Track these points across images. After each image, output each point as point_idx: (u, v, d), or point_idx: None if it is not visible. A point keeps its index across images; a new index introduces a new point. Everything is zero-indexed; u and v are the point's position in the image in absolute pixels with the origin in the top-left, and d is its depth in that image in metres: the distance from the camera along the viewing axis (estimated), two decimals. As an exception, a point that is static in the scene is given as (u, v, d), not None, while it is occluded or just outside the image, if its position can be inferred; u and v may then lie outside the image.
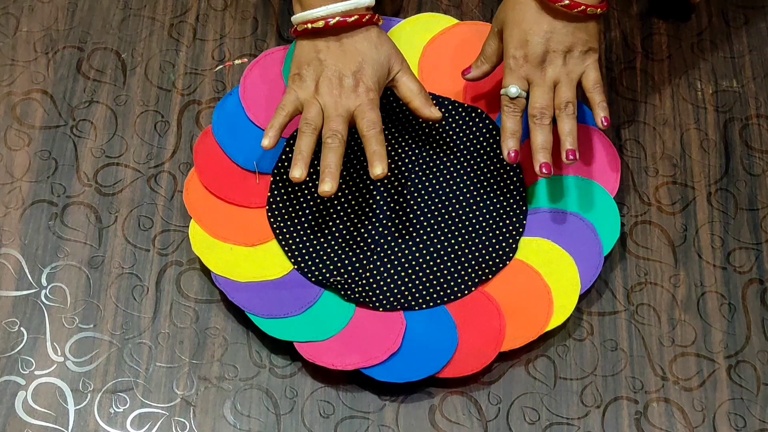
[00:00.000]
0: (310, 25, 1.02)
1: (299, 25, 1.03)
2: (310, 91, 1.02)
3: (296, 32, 1.04)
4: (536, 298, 1.01)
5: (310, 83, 1.02)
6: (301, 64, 1.03)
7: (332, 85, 1.01)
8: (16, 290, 1.02)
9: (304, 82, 1.02)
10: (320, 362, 0.97)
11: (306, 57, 1.03)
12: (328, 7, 1.01)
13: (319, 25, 1.01)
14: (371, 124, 1.00)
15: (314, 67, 1.02)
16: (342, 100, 1.01)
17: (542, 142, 1.01)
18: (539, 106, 1.02)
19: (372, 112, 1.01)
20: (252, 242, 1.03)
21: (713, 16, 1.18)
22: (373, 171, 0.99)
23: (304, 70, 1.02)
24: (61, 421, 0.97)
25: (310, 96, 1.02)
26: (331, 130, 1.00)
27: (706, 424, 0.98)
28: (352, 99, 1.01)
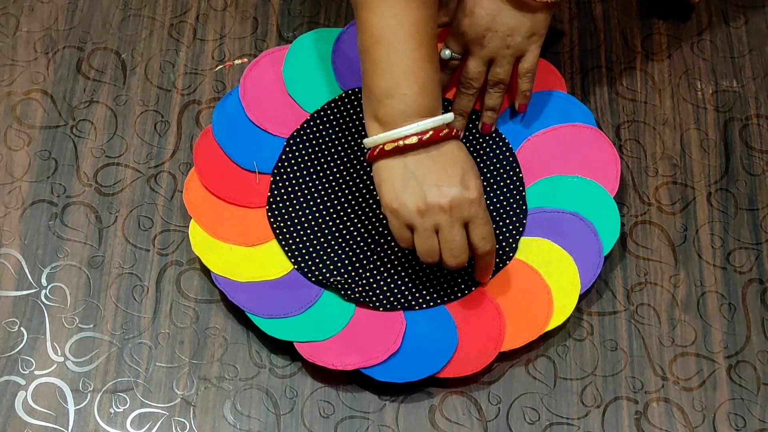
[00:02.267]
0: (402, 142, 0.93)
1: (387, 144, 0.94)
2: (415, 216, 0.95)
3: (383, 152, 0.95)
4: (536, 298, 1.01)
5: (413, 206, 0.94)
6: (395, 187, 0.94)
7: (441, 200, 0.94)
8: (16, 290, 1.02)
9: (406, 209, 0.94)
10: (320, 362, 0.97)
11: (399, 178, 0.94)
12: (420, 124, 0.94)
13: (412, 141, 0.93)
14: (487, 238, 0.96)
15: (413, 187, 0.94)
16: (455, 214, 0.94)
17: (460, 109, 1.08)
18: (468, 77, 1.06)
19: (487, 226, 0.96)
20: (252, 242, 1.03)
21: (713, 16, 1.18)
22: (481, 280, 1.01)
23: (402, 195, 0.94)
24: (61, 421, 0.97)
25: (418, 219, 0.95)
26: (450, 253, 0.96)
27: (706, 424, 0.98)
28: (466, 208, 0.94)
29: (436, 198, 0.93)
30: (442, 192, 0.93)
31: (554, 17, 1.16)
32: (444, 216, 0.94)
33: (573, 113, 1.10)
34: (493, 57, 1.05)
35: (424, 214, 0.94)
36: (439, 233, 0.95)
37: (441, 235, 0.95)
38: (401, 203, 0.94)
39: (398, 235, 0.96)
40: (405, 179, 0.94)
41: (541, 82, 1.11)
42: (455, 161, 0.95)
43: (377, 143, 0.95)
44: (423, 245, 0.96)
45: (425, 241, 0.95)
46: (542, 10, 1.03)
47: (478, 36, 1.04)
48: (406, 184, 0.94)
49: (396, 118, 0.94)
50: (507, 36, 1.03)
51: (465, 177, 0.94)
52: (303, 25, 1.16)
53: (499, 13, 1.02)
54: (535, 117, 1.10)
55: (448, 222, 0.94)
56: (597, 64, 1.15)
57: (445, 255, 0.96)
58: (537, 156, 1.08)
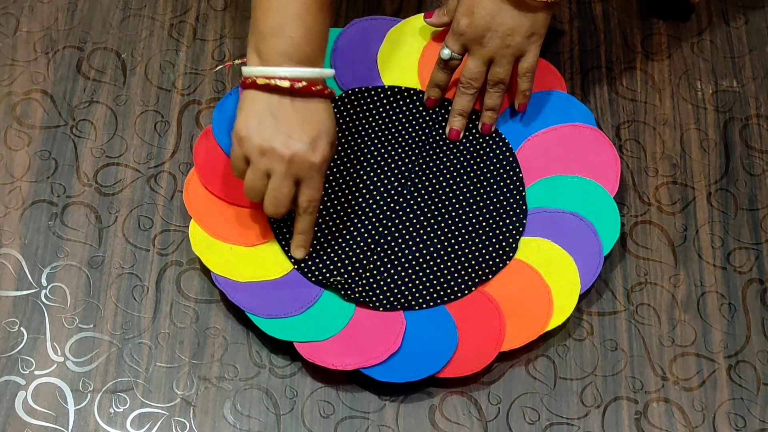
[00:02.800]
0: (276, 81, 0.96)
1: (259, 78, 0.96)
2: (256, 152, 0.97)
3: (253, 84, 0.97)
4: (536, 298, 1.01)
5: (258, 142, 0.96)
6: (250, 118, 0.97)
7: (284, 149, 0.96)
8: (16, 290, 1.02)
9: (250, 142, 0.96)
10: (320, 362, 0.97)
11: (259, 112, 0.97)
12: (296, 70, 0.96)
13: (284, 84, 0.96)
14: (311, 200, 0.98)
15: (266, 126, 0.96)
16: (292, 168, 0.96)
17: (460, 109, 1.08)
18: (468, 77, 1.06)
19: (316, 191, 0.98)
20: (252, 242, 1.03)
21: (713, 16, 1.18)
22: (294, 253, 1.01)
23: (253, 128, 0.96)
24: (61, 421, 0.97)
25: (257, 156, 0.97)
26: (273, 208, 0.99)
27: (706, 424, 0.98)
28: (305, 168, 0.97)
29: (280, 146, 0.96)
30: (288, 143, 0.96)
31: (554, 17, 1.16)
32: (280, 165, 0.96)
33: (573, 113, 1.10)
34: (492, 57, 1.05)
35: (264, 154, 0.96)
36: (270, 178, 0.97)
37: (270, 181, 0.98)
38: (248, 135, 0.97)
39: (234, 163, 0.99)
40: (262, 115, 0.96)
41: (541, 82, 1.11)
42: (316, 121, 0.97)
43: (252, 75, 0.97)
44: (251, 182, 0.98)
45: (254, 180, 0.98)
46: (542, 10, 1.03)
47: (478, 36, 1.04)
48: (261, 120, 0.96)
49: (277, 58, 0.96)
50: (507, 36, 1.03)
51: (317, 139, 0.97)
52: (303, 25, 1.16)
53: (499, 13, 1.02)
54: (535, 117, 1.10)
55: (281, 172, 0.97)
56: (597, 64, 1.15)
57: (267, 199, 0.98)
58: (537, 156, 1.08)
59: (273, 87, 0.96)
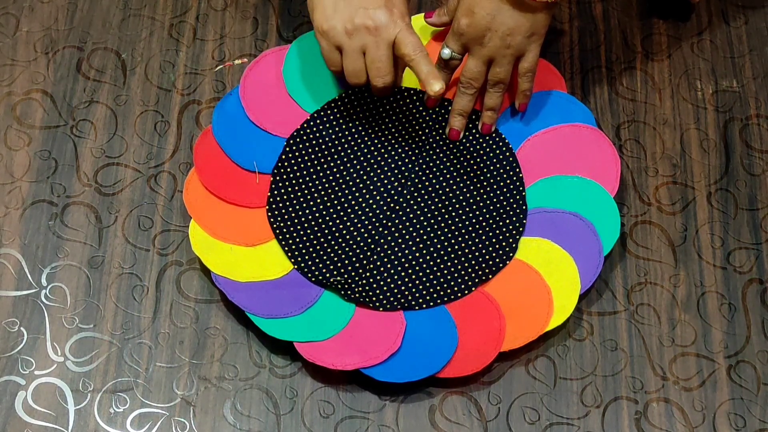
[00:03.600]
0: None
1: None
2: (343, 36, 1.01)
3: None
4: (536, 298, 1.01)
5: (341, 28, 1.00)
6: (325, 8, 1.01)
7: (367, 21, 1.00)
8: (16, 290, 1.02)
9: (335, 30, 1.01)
10: (320, 362, 0.97)
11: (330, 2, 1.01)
12: None
13: None
14: (415, 47, 1.01)
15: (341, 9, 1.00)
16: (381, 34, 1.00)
17: (460, 109, 1.08)
18: (468, 77, 1.07)
19: (413, 36, 1.01)
20: (252, 242, 1.03)
21: (713, 16, 1.18)
22: (431, 88, 1.01)
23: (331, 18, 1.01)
24: (61, 421, 0.97)
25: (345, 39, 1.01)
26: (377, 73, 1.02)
27: (706, 424, 0.98)
28: (392, 28, 1.00)
29: (362, 19, 0.99)
30: (368, 14, 0.99)
31: (554, 17, 1.16)
32: (370, 37, 1.00)
33: (573, 113, 1.10)
34: (493, 57, 1.05)
35: (352, 34, 1.00)
36: (366, 54, 1.01)
37: (367, 56, 1.01)
38: (331, 25, 1.00)
39: (327, 58, 1.03)
40: (335, 2, 1.00)
41: (541, 82, 1.11)
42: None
43: None
44: (350, 65, 1.02)
45: (353, 62, 1.02)
46: (542, 10, 1.03)
47: (478, 36, 1.04)
48: (335, 7, 1.00)
49: None
50: (507, 36, 1.03)
51: (390, 2, 1.00)
52: (303, 25, 1.16)
53: (499, 13, 1.02)
54: (535, 117, 1.10)
55: (374, 42, 1.00)
56: (597, 64, 1.15)
57: (371, 74, 1.02)
58: (537, 156, 1.08)
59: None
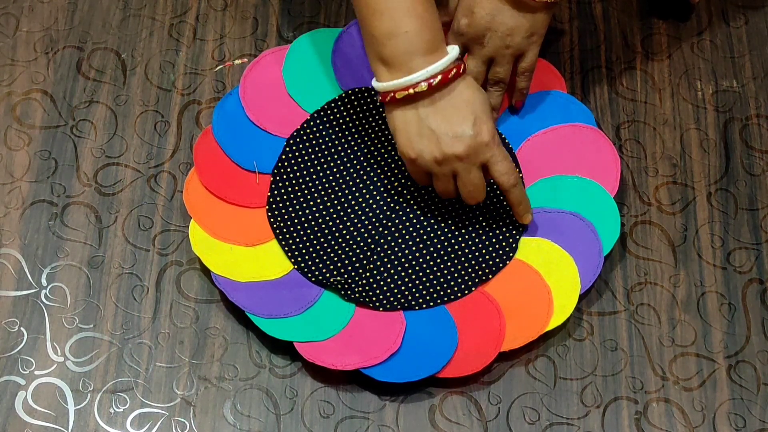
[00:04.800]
0: (412, 90, 0.95)
1: (398, 92, 0.96)
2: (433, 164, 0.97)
3: (394, 100, 0.96)
4: (536, 298, 1.01)
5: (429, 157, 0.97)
6: (411, 135, 0.97)
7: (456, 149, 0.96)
8: (16, 290, 1.02)
9: (423, 159, 0.97)
10: (320, 362, 0.97)
11: (414, 127, 0.97)
12: (428, 69, 0.95)
13: (422, 88, 0.95)
14: (509, 173, 0.98)
15: (428, 136, 0.96)
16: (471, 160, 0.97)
17: None
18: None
19: (505, 162, 0.97)
20: (252, 242, 1.03)
21: (713, 16, 1.18)
22: (522, 221, 1.02)
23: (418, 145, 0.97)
24: (61, 421, 0.97)
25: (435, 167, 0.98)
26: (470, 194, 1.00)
27: (706, 424, 0.98)
28: (482, 152, 0.97)
29: (451, 148, 0.96)
30: (455, 142, 0.96)
31: (554, 17, 1.16)
32: (460, 163, 0.97)
33: (573, 113, 1.10)
34: (492, 56, 1.05)
35: (441, 163, 0.97)
36: (457, 177, 0.98)
37: (459, 179, 0.99)
38: (418, 153, 0.97)
39: (417, 179, 1.01)
40: (420, 129, 0.97)
41: (541, 82, 1.11)
42: (466, 103, 0.96)
43: (387, 89, 0.97)
44: (442, 188, 1.00)
45: (444, 185, 1.00)
46: (541, 10, 1.03)
47: (478, 36, 1.04)
48: (421, 134, 0.97)
49: (402, 58, 0.95)
50: (506, 36, 1.03)
51: (477, 121, 0.96)
52: (303, 25, 1.16)
53: (499, 13, 1.02)
54: (535, 117, 1.10)
55: (464, 168, 0.97)
56: (597, 64, 1.15)
57: (464, 195, 1.00)
58: (537, 156, 1.08)
59: (413, 96, 0.95)
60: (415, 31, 0.95)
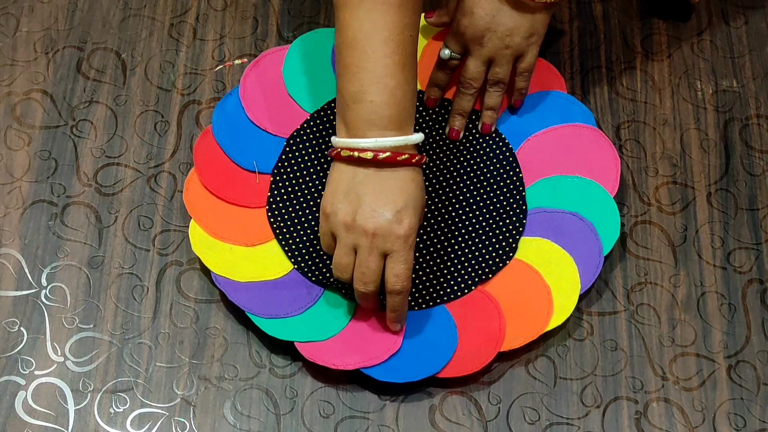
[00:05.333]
0: (357, 153, 0.93)
1: (343, 150, 0.94)
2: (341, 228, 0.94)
3: (338, 156, 0.94)
4: (536, 298, 1.01)
5: (342, 218, 0.93)
6: (336, 193, 0.94)
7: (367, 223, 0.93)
8: (16, 290, 1.02)
9: (335, 217, 0.94)
10: (320, 362, 0.97)
11: (343, 186, 0.94)
12: (378, 141, 0.93)
13: (367, 156, 0.92)
14: (402, 278, 0.94)
15: (351, 200, 0.93)
16: (376, 241, 0.93)
17: (460, 109, 1.08)
18: (468, 77, 1.06)
19: (405, 265, 0.94)
20: (252, 242, 1.03)
21: (713, 16, 1.18)
22: (391, 327, 0.98)
23: (338, 203, 0.94)
24: (61, 421, 0.97)
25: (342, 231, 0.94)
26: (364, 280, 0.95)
27: (706, 424, 0.98)
28: (390, 241, 0.93)
29: (363, 220, 0.92)
30: (372, 216, 0.92)
31: (554, 17, 1.16)
32: (365, 240, 0.93)
33: (573, 113, 1.10)
34: (492, 57, 1.05)
35: (349, 230, 0.93)
36: (357, 254, 0.94)
37: (357, 257, 0.94)
38: (333, 210, 0.94)
39: (323, 240, 0.97)
40: (348, 189, 0.94)
41: (541, 82, 1.11)
42: (402, 191, 0.93)
43: (337, 146, 0.95)
44: (338, 258, 0.95)
45: (341, 256, 0.95)
46: (541, 11, 1.03)
47: (477, 36, 1.04)
48: (347, 194, 0.94)
49: (361, 125, 0.93)
50: (506, 36, 1.03)
51: (402, 211, 0.93)
52: (303, 25, 1.16)
53: (498, 14, 1.03)
54: (535, 117, 1.10)
55: (367, 247, 0.93)
56: (597, 64, 1.15)
57: (355, 276, 0.95)
58: (537, 156, 1.08)
59: (356, 159, 0.93)
60: (381, 103, 0.93)
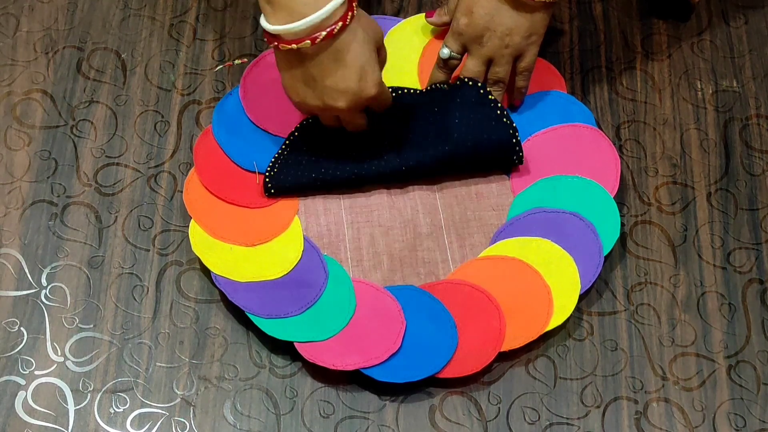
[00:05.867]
0: (295, 45, 0.93)
1: (281, 44, 0.94)
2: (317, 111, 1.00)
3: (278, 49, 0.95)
4: (536, 298, 1.01)
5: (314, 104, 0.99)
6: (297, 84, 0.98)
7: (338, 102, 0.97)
8: (16, 290, 1.02)
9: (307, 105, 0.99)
10: (320, 362, 0.97)
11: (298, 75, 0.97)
12: (311, 18, 0.91)
13: (306, 45, 0.93)
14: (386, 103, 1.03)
15: (312, 87, 0.97)
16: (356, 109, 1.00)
17: None
18: (467, 76, 1.07)
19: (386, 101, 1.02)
20: (252, 242, 1.03)
21: (713, 16, 1.18)
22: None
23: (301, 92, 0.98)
24: (61, 421, 0.97)
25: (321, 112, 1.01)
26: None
27: (706, 424, 0.98)
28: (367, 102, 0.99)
29: (333, 101, 0.97)
30: (339, 95, 0.97)
31: (554, 17, 1.16)
32: (344, 114, 1.00)
33: (573, 113, 1.10)
34: (492, 56, 1.05)
35: (324, 110, 1.00)
36: (341, 118, 1.03)
37: (342, 121, 1.03)
38: (301, 99, 0.99)
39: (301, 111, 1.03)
40: (304, 76, 0.97)
41: (541, 82, 1.11)
42: (354, 57, 0.95)
43: (272, 34, 0.94)
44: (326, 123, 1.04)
45: (327, 122, 1.04)
46: (541, 10, 1.03)
47: (477, 35, 1.04)
48: (305, 81, 0.97)
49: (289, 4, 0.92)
50: (505, 36, 1.03)
51: (362, 74, 0.96)
52: (303, 25, 1.16)
53: (498, 13, 1.03)
54: (535, 117, 1.10)
55: (347, 114, 1.01)
56: (597, 64, 1.15)
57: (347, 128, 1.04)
58: (537, 156, 1.08)
59: (297, 51, 0.95)
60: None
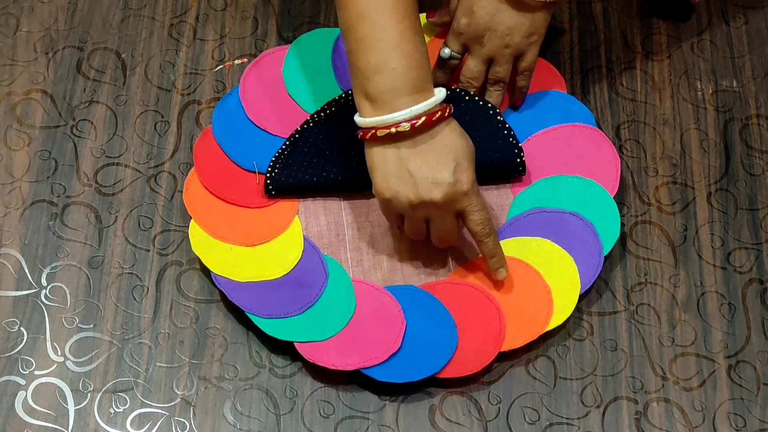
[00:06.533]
0: (395, 129, 0.92)
1: (379, 130, 0.93)
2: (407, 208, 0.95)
3: (375, 137, 0.94)
4: (536, 298, 1.01)
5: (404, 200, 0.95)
6: (388, 176, 0.95)
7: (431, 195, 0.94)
8: (16, 290, 1.02)
9: (398, 201, 0.95)
10: (320, 362, 0.97)
11: (392, 167, 0.94)
12: (412, 109, 0.92)
13: (404, 128, 0.92)
14: (483, 224, 0.97)
15: (405, 179, 0.94)
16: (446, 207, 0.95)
17: None
18: (468, 76, 1.07)
19: (481, 212, 0.96)
20: (252, 242, 1.03)
21: (713, 16, 1.18)
22: (497, 276, 1.00)
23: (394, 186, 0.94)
24: (61, 421, 0.97)
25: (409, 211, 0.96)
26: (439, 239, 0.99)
27: (706, 424, 0.98)
28: (459, 200, 0.95)
29: (428, 194, 0.94)
30: (433, 188, 0.94)
31: (554, 17, 1.16)
32: (435, 210, 0.95)
33: (573, 113, 1.10)
34: (492, 56, 1.05)
35: (416, 208, 0.95)
36: (430, 223, 0.97)
37: (431, 224, 0.97)
38: (393, 195, 0.95)
39: (388, 219, 0.99)
40: (398, 170, 0.94)
41: (541, 82, 1.11)
42: (449, 149, 0.94)
43: (369, 126, 0.95)
44: (412, 230, 0.99)
45: (415, 228, 0.98)
46: (541, 10, 1.03)
47: (478, 35, 1.04)
48: (399, 175, 0.94)
49: (387, 95, 0.93)
50: (506, 35, 1.03)
51: (458, 168, 0.94)
52: (303, 25, 1.16)
53: (498, 13, 1.03)
54: (535, 117, 1.10)
55: (439, 214, 0.96)
56: (597, 64, 1.15)
57: (434, 240, 0.99)
58: (537, 156, 1.08)
59: (395, 136, 0.93)
60: (403, 68, 0.93)
